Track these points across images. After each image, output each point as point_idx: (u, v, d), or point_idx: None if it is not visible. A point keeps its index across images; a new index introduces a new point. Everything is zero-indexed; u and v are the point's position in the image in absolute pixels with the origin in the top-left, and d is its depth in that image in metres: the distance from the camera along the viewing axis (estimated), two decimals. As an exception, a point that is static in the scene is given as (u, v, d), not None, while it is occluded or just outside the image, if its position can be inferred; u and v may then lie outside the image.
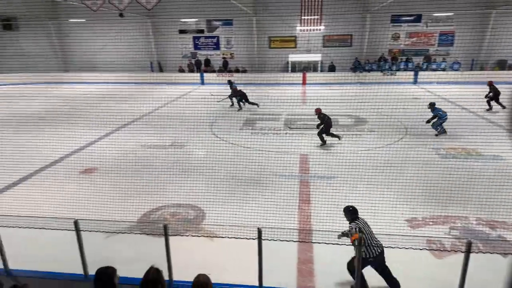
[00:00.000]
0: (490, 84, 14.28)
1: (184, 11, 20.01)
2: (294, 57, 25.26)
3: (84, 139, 10.96)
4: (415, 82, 22.66)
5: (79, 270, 4.85)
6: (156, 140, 11.07)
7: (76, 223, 4.68)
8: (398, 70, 23.85)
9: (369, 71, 24.08)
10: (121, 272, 3.37)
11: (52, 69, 25.95)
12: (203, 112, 12.27)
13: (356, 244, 4.03)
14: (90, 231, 4.91)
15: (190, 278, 3.15)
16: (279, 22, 23.58)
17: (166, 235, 4.53)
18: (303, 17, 21.02)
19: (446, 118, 11.14)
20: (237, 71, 25.65)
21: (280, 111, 15.02)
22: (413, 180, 7.25)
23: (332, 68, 24.75)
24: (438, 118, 11.17)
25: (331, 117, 10.72)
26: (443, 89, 16.27)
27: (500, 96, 13.92)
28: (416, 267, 5.07)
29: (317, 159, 9.45)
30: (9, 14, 24.48)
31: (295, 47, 25.40)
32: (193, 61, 26.97)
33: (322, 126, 10.90)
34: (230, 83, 17.06)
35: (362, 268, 4.25)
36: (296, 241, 5.31)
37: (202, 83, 25.32)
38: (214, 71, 26.09)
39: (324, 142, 11.14)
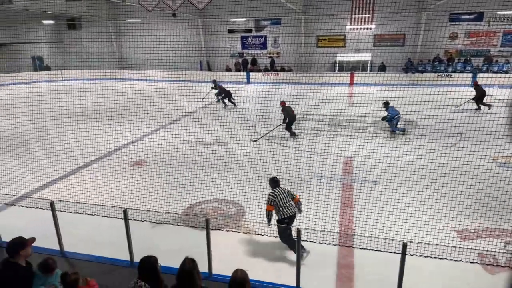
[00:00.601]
0: (476, 84, 14.98)
1: (233, 11, 20.35)
2: (342, 57, 24.69)
3: (136, 133, 11.55)
4: (473, 84, 21.15)
5: (126, 257, 5.15)
6: (201, 137, 11.37)
7: (125, 212, 4.97)
8: (455, 71, 22.41)
9: (422, 72, 22.89)
10: (163, 262, 3.52)
11: (109, 66, 27.67)
12: (248, 111, 12.41)
13: (267, 220, 5.19)
14: (137, 220, 5.19)
15: (228, 272, 3.21)
16: (328, 20, 23.16)
17: (207, 229, 4.66)
18: (353, 16, 20.48)
19: (399, 117, 11.53)
20: (282, 70, 25.62)
21: (325, 111, 14.77)
22: (466, 189, 6.79)
23: (382, 68, 23.87)
24: (390, 118, 11.55)
25: (380, 116, 10.36)
26: (505, 93, 15.04)
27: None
28: (466, 281, 4.76)
29: (362, 162, 9.17)
30: (74, 14, 26.41)
31: (344, 46, 24.82)
32: (240, 60, 27.35)
33: (286, 119, 11.38)
34: (215, 82, 17.52)
35: (285, 229, 5.05)
36: (337, 245, 5.20)
37: (248, 82, 25.60)
38: (259, 70, 26.28)
39: (293, 134, 11.61)
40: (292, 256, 4.53)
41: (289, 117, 11.53)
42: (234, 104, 16.55)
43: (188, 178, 8.34)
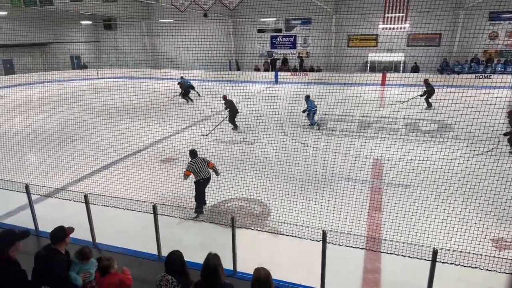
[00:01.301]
0: (426, 81, 15.62)
1: (264, 11, 20.38)
2: (373, 56, 24.13)
3: (166, 131, 11.83)
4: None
5: (154, 251, 5.29)
6: (228, 136, 11.49)
7: (154, 207, 5.11)
8: (494, 73, 21.32)
9: (458, 73, 21.94)
10: (188, 257, 3.58)
11: (142, 65, 28.50)
12: (275, 110, 12.40)
13: (184, 178, 6.56)
14: (165, 215, 5.32)
15: (252, 270, 3.22)
16: (360, 20, 22.72)
17: (233, 227, 4.70)
18: (386, 15, 19.95)
19: (315, 111, 12.49)
20: (311, 70, 25.38)
21: (354, 112, 14.49)
22: (503, 196, 6.45)
23: (415, 69, 23.10)
24: (309, 110, 12.44)
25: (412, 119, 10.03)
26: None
27: None
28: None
29: (393, 165, 8.91)
30: (110, 14, 27.43)
31: (376, 46, 24.25)
32: (268, 60, 27.37)
33: (228, 111, 11.88)
34: (182, 79, 18.43)
35: (202, 187, 6.60)
36: (363, 249, 5.10)
37: (276, 81, 25.56)
38: (288, 70, 26.17)
39: (236, 126, 12.05)
40: (317, 258, 4.49)
41: (232, 110, 12.22)
42: (190, 100, 17.71)
43: (215, 176, 8.45)
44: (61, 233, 3.68)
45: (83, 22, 30.31)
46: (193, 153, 6.88)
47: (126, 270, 3.75)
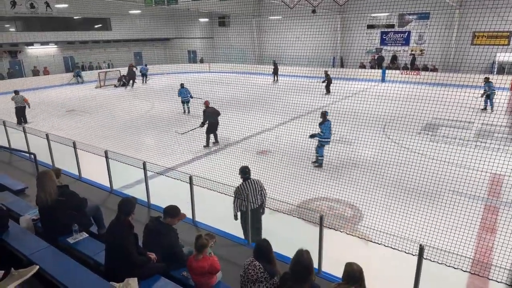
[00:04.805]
0: (325, 72, 19.59)
1: (376, 6, 19.33)
2: (504, 56, 20.84)
3: (265, 124, 12.24)
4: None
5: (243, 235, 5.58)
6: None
7: (247, 195, 5.37)
8: None
9: None
10: (275, 248, 3.67)
11: (249, 61, 29.85)
12: (378, 111, 11.72)
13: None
14: (257, 204, 5.52)
15: (337, 272, 3.16)
16: (490, 15, 19.80)
17: (321, 225, 4.67)
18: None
19: (329, 141, 9.20)
20: (425, 69, 23.17)
21: (473, 118, 12.79)
22: None
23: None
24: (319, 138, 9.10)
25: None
26: None
27: None
28: None
29: (516, 183, 7.65)
30: (225, 12, 29.41)
31: (508, 44, 20.91)
32: (375, 56, 25.92)
33: (204, 123, 10.11)
34: (131, 67, 20.60)
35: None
36: (467, 272, 4.53)
37: (383, 80, 24.07)
38: (397, 68, 24.38)
39: (207, 144, 10.34)
40: (410, 273, 4.16)
41: (210, 121, 10.49)
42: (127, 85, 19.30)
43: (307, 173, 8.45)
44: (175, 211, 4.16)
45: (201, 20, 33.11)
46: (244, 172, 5.66)
47: (214, 256, 3.95)
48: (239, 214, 5.60)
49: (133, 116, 14.87)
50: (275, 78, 25.07)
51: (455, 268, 4.06)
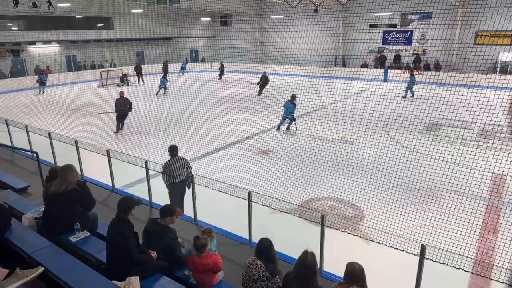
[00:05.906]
0: (264, 73, 19.47)
1: (378, 5, 19.30)
2: (507, 56, 20.76)
3: (267, 123, 12.23)
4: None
5: (245, 235, 5.58)
6: (326, 133, 11.28)
7: (249, 194, 5.38)
8: None
9: None
10: (276, 247, 3.68)
11: (251, 60, 29.84)
12: (380, 110, 11.68)
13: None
14: (259, 203, 5.55)
15: (338, 272, 3.17)
16: (493, 14, 19.72)
17: (322, 225, 4.66)
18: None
19: (290, 119, 12.16)
20: (427, 68, 23.11)
21: (476, 118, 12.71)
22: None
23: None
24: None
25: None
26: None
27: None
28: None
29: (519, 183, 7.62)
30: (227, 11, 29.41)
31: (511, 44, 20.81)
32: (378, 55, 25.87)
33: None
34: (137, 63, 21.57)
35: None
36: (469, 272, 4.52)
37: (385, 79, 24.01)
38: (400, 68, 24.32)
39: (118, 129, 12.44)
40: (411, 272, 4.15)
41: (117, 110, 12.36)
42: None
43: (309, 172, 8.44)
44: (172, 210, 4.19)
45: (203, 19, 33.10)
46: (172, 149, 6.44)
47: (218, 255, 4.00)
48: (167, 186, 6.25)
49: (135, 114, 14.88)
50: (221, 76, 25.83)
51: (456, 268, 4.04)
